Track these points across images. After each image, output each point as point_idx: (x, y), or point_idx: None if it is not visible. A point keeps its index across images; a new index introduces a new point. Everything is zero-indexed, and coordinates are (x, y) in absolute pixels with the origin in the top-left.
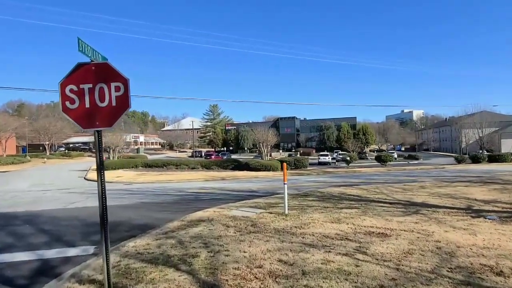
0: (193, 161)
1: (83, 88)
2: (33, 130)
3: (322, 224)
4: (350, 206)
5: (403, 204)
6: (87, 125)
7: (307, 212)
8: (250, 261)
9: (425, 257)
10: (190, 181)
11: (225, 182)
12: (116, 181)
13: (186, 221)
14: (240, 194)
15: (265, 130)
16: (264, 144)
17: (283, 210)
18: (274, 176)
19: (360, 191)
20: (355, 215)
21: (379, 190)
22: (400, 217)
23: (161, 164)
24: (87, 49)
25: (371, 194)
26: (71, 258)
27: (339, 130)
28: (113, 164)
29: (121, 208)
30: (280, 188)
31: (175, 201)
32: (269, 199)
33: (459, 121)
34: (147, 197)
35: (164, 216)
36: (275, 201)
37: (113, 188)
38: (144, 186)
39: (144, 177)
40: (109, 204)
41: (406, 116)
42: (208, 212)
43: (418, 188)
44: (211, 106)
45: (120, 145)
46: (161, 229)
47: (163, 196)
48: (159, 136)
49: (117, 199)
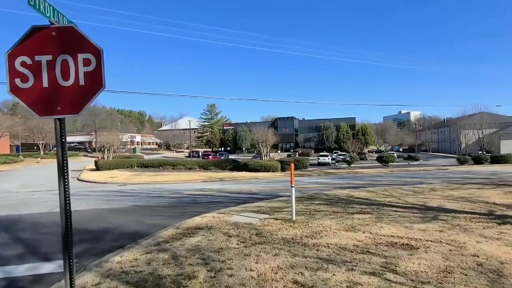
0: (190, 162)
1: (40, 60)
2: (26, 129)
3: (335, 232)
4: (361, 210)
5: (418, 208)
6: (45, 111)
7: (316, 218)
8: (260, 283)
9: (469, 277)
10: (187, 182)
11: (223, 184)
12: (110, 182)
13: (182, 228)
14: (240, 197)
15: (265, 129)
16: (264, 144)
17: (289, 216)
18: (274, 177)
19: (368, 193)
20: (370, 221)
21: (388, 192)
22: (420, 224)
23: (157, 164)
24: (45, 6)
25: (380, 197)
26: (43, 276)
27: (338, 130)
28: (108, 164)
29: (111, 212)
30: (282, 190)
31: (170, 204)
32: (273, 203)
33: (458, 122)
34: (141, 199)
35: (157, 221)
36: (279, 205)
37: (106, 189)
38: (139, 187)
39: (139, 177)
40: (99, 207)
41: (404, 117)
42: (207, 218)
43: (429, 191)
44: (209, 106)
45: (115, 144)
46: (153, 239)
47: (158, 198)
48: (156, 136)
49: (108, 201)
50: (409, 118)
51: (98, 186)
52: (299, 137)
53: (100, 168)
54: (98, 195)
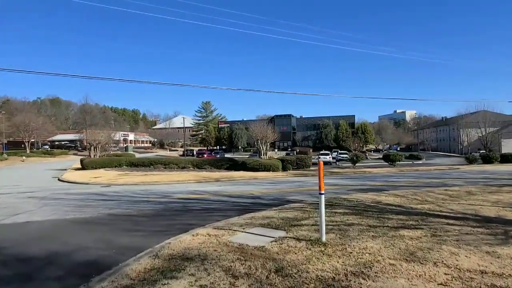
0: (184, 160)
1: None
2: (11, 126)
3: (393, 265)
4: (405, 224)
5: (473, 220)
6: None
7: (352, 237)
8: None
9: None
10: (179, 183)
11: (220, 185)
12: (93, 183)
13: (162, 258)
14: (241, 202)
15: (264, 125)
16: (263, 141)
17: (315, 234)
18: (275, 177)
19: (397, 198)
20: (428, 242)
21: (420, 197)
22: (504, 248)
23: (148, 163)
24: None
25: (415, 203)
26: None
27: (337, 128)
28: (94, 162)
29: (76, 225)
30: (289, 194)
31: (155, 212)
32: (285, 212)
33: (459, 120)
34: (121, 205)
35: (131, 241)
36: (294, 215)
37: (85, 191)
38: (123, 189)
39: (126, 177)
40: (63, 217)
41: (399, 116)
42: (200, 238)
43: (466, 195)
44: (204, 103)
45: (103, 142)
46: (113, 280)
47: (142, 203)
48: (150, 134)
49: (79, 208)
50: (404, 118)
51: (78, 188)
52: (297, 136)
53: (85, 167)
54: (72, 199)
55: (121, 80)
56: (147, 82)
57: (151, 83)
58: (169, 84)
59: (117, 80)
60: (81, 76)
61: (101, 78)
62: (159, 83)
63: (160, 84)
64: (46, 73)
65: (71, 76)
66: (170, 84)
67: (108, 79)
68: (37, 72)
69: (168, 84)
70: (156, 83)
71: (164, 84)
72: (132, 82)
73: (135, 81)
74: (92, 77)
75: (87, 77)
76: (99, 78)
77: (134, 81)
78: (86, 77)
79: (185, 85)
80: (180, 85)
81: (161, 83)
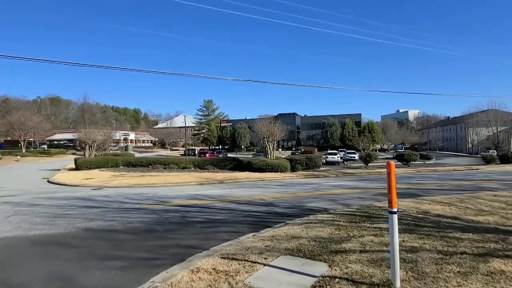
0: (185, 160)
1: None
2: (4, 124)
3: None
4: (486, 248)
5: None
6: None
7: (432, 276)
8: None
9: None
10: (178, 185)
11: (224, 187)
12: (83, 185)
13: None
14: (253, 211)
15: (271, 122)
16: (270, 139)
17: (369, 268)
18: (284, 178)
19: (444, 207)
20: None
21: (472, 205)
22: None
23: (146, 163)
24: None
25: (472, 214)
26: None
27: (343, 127)
28: (89, 163)
29: (35, 246)
30: (307, 199)
31: (146, 225)
32: (313, 228)
33: (468, 118)
34: (106, 214)
35: (101, 281)
36: (327, 233)
37: (71, 195)
38: (116, 192)
39: (121, 179)
40: (25, 234)
41: (402, 115)
42: (203, 275)
43: None
44: (205, 102)
45: (98, 141)
46: None
47: (132, 212)
48: (151, 134)
49: (51, 220)
50: (407, 117)
51: (66, 191)
52: (301, 135)
53: (79, 168)
54: (51, 206)
55: (122, 69)
56: (147, 71)
57: (151, 72)
58: (168, 73)
59: (118, 68)
60: (81, 64)
61: (101, 66)
62: (158, 72)
63: (159, 74)
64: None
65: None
66: (169, 74)
67: (105, 67)
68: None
69: (166, 74)
70: (156, 72)
71: (162, 74)
72: (132, 71)
73: (135, 70)
74: (92, 65)
75: (88, 65)
76: (100, 66)
77: (134, 69)
78: (87, 65)
79: (185, 75)
80: (180, 74)
81: (159, 72)
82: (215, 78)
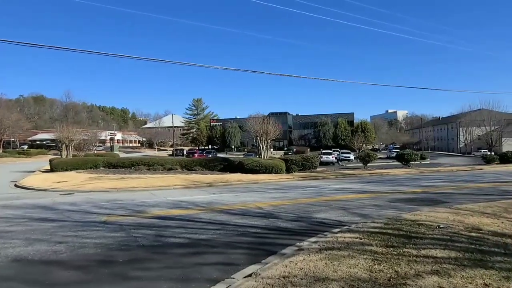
0: (171, 160)
1: None
2: None
3: None
4: None
5: None
6: None
7: None
8: None
9: None
10: (161, 188)
11: (214, 192)
12: (53, 189)
13: None
14: (249, 226)
15: (264, 120)
16: (263, 138)
17: None
18: (280, 180)
19: (494, 220)
20: None
21: None
22: None
23: (128, 164)
24: None
25: None
26: None
27: (335, 127)
28: (65, 164)
29: None
30: (312, 207)
31: (104, 252)
32: (340, 260)
33: (460, 118)
34: (57, 232)
35: None
36: (363, 270)
37: (32, 202)
38: (86, 198)
39: (97, 182)
40: None
41: (391, 116)
42: None
43: None
44: (195, 100)
45: (76, 140)
46: None
47: (91, 231)
48: (139, 134)
49: None
50: (396, 117)
51: (29, 196)
52: (293, 134)
53: (54, 169)
54: None
55: (107, 54)
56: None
57: (132, 57)
58: (145, 59)
59: (103, 54)
60: (68, 49)
61: (89, 52)
62: (142, 58)
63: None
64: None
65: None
66: (146, 60)
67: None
68: None
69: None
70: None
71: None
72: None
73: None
74: (70, 49)
75: (66, 49)
76: (82, 51)
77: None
78: (65, 49)
79: (164, 61)
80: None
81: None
82: (203, 66)
